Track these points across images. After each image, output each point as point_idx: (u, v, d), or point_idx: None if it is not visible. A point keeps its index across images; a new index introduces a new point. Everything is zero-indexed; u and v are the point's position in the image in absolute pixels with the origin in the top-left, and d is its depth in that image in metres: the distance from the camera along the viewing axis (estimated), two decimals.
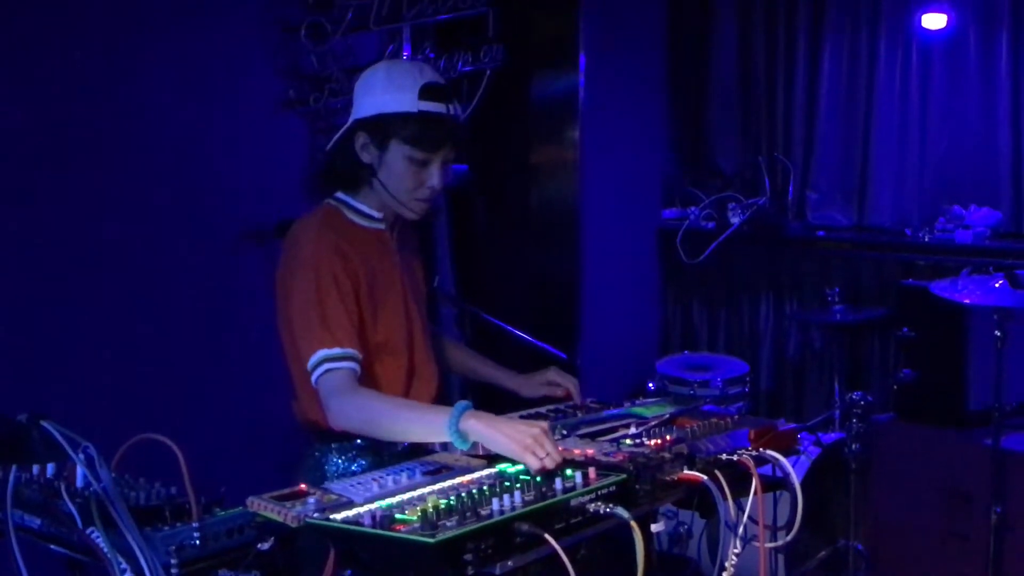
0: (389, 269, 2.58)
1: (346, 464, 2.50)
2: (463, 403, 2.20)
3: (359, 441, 2.48)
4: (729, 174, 5.86)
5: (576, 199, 5.39)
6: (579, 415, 2.59)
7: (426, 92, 2.45)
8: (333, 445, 2.51)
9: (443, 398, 2.69)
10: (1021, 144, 4.99)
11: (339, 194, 2.59)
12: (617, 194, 5.60)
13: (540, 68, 5.35)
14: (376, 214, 2.57)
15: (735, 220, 5.55)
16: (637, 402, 2.79)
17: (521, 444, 2.08)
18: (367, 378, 2.45)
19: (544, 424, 2.17)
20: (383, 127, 2.47)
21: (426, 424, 2.26)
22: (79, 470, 1.82)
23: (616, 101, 5.53)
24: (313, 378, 2.37)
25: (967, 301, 3.64)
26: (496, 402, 2.80)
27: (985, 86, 5.08)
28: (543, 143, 5.42)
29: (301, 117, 4.05)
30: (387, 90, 2.47)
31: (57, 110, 3.35)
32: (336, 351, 2.36)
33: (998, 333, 3.62)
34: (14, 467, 1.85)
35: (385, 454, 2.47)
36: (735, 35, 5.81)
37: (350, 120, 2.55)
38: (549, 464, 2.07)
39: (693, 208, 5.78)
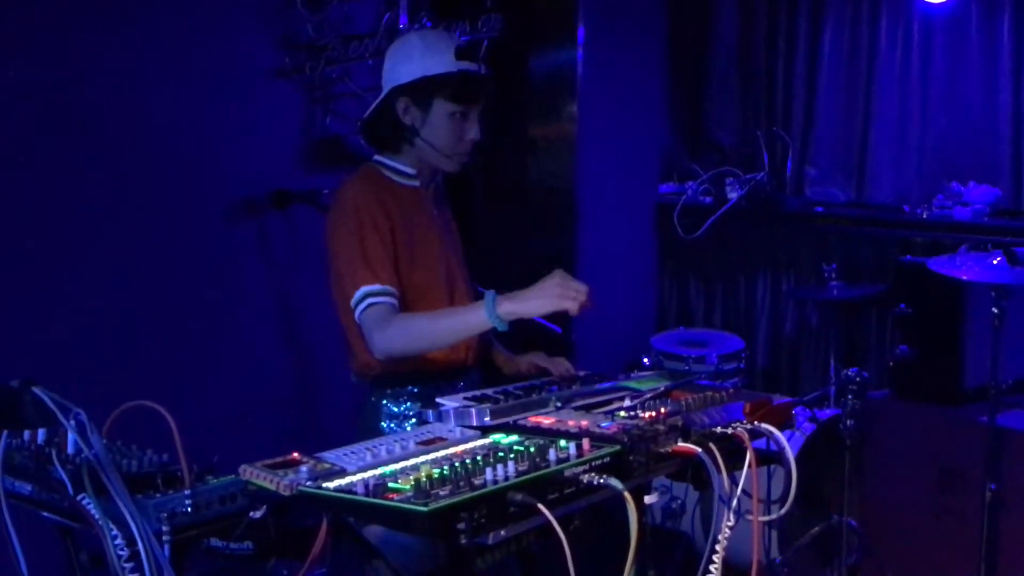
0: (426, 223, 2.82)
1: (398, 408, 2.75)
2: (490, 293, 2.51)
3: (411, 388, 2.75)
4: (727, 149, 5.84)
5: (573, 173, 5.37)
6: (574, 387, 2.58)
7: (461, 53, 2.75)
8: (388, 391, 2.76)
9: (484, 346, 2.96)
10: (1021, 121, 4.97)
11: (377, 156, 2.85)
12: (615, 168, 5.58)
13: (538, 41, 5.31)
14: (412, 171, 2.82)
15: (733, 195, 5.53)
16: (632, 375, 2.78)
17: (552, 297, 2.47)
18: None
19: (556, 273, 2.51)
20: (426, 88, 2.73)
21: (466, 322, 2.55)
22: (70, 436, 1.81)
23: (615, 74, 5.51)
24: (356, 313, 2.61)
25: (965, 278, 3.63)
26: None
27: (986, 62, 5.06)
28: (541, 116, 5.39)
29: (297, 86, 4.03)
30: (426, 55, 2.73)
31: (51, 79, 3.33)
32: (377, 287, 2.61)
33: (995, 310, 3.62)
34: (5, 433, 1.84)
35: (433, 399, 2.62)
36: (735, 8, 5.78)
37: (385, 89, 2.79)
38: (583, 299, 2.48)
39: (691, 183, 5.76)
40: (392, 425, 2.75)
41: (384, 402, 2.77)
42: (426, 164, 2.83)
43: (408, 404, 2.75)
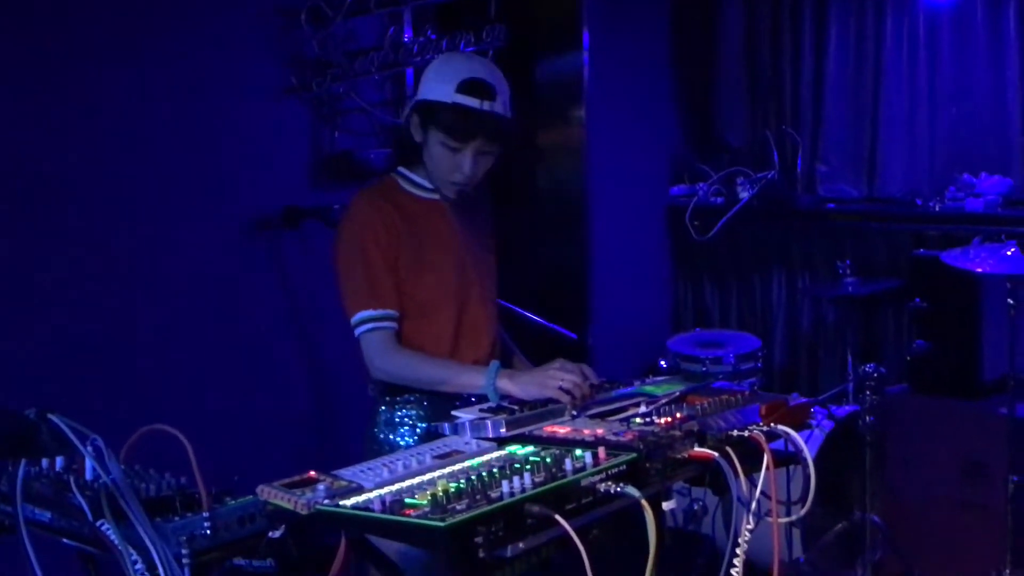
0: (441, 236, 2.81)
1: (400, 416, 2.78)
2: (495, 364, 2.64)
3: (408, 396, 2.77)
4: (737, 148, 5.82)
5: (583, 179, 5.37)
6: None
7: (464, 86, 2.64)
8: (397, 398, 2.79)
9: (504, 355, 2.97)
10: None
11: (400, 168, 2.85)
12: (625, 172, 5.57)
13: (543, 48, 5.32)
14: (429, 185, 2.81)
15: (744, 195, 5.52)
16: (647, 380, 2.77)
17: (548, 388, 2.50)
18: (413, 333, 2.76)
19: (557, 361, 2.58)
20: (425, 112, 2.70)
21: (465, 384, 2.65)
22: (88, 463, 1.82)
23: (621, 79, 5.51)
24: (356, 333, 2.69)
25: (979, 270, 3.62)
26: None
27: (993, 53, 5.04)
28: (548, 123, 5.39)
29: (304, 103, 4.04)
30: (434, 79, 2.71)
31: (57, 101, 3.34)
32: (377, 312, 2.68)
33: (1011, 301, 3.61)
34: (23, 461, 1.85)
35: (429, 410, 2.74)
36: (740, 7, 5.76)
37: (413, 100, 2.79)
38: (577, 393, 2.49)
39: (702, 184, 5.75)
40: (390, 434, 2.78)
41: (390, 408, 2.80)
42: None
43: (409, 412, 2.78)
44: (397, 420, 2.79)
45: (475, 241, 2.92)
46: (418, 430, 2.77)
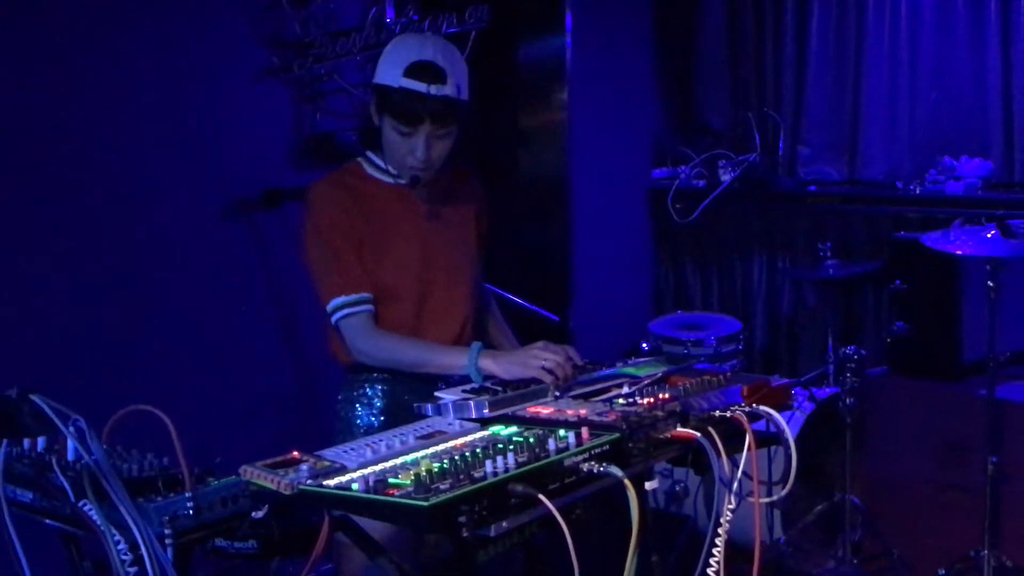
0: (405, 221, 2.78)
1: (370, 393, 2.79)
2: (477, 344, 2.62)
3: (375, 375, 2.78)
4: (719, 131, 5.83)
5: (566, 161, 5.37)
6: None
7: (412, 69, 2.60)
8: (349, 376, 2.83)
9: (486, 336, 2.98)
10: (1011, 93, 4.96)
11: (368, 152, 2.82)
12: (607, 155, 5.57)
13: (526, 30, 5.31)
14: (393, 171, 2.77)
15: (726, 178, 5.52)
16: (630, 362, 2.78)
17: (531, 368, 2.49)
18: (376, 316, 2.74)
19: (540, 343, 2.57)
20: (378, 96, 2.68)
21: (447, 365, 2.63)
22: (70, 443, 1.82)
23: (604, 61, 5.50)
24: (332, 320, 2.69)
25: (959, 252, 3.64)
26: None
27: (974, 37, 5.04)
28: (531, 105, 5.39)
29: (285, 85, 4.02)
30: (385, 63, 2.67)
31: (35, 82, 3.32)
32: (352, 297, 2.67)
33: (991, 283, 3.63)
34: (4, 442, 1.84)
35: (399, 389, 2.77)
36: None
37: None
38: (560, 373, 2.47)
39: (684, 167, 5.75)
40: (350, 411, 2.81)
41: (360, 387, 2.81)
42: None
43: (376, 388, 2.79)
44: (355, 397, 2.80)
45: (447, 226, 2.87)
46: (375, 408, 2.79)
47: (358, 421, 2.79)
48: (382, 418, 2.77)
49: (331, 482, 1.83)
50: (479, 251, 3.00)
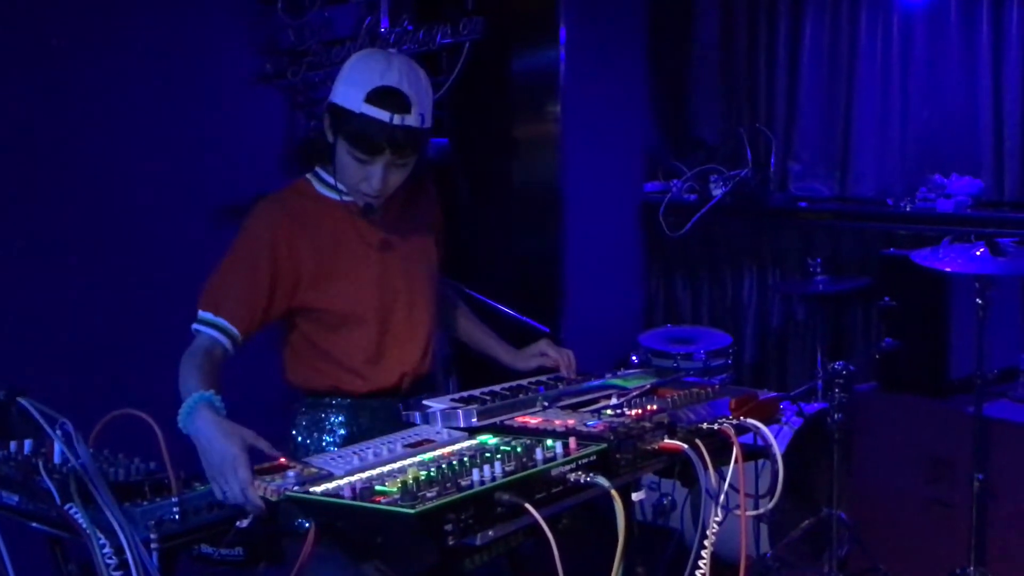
0: (357, 244, 2.57)
1: (321, 419, 2.62)
2: (206, 395, 2.16)
3: (327, 399, 2.61)
4: (711, 146, 5.85)
5: (558, 173, 5.37)
6: (560, 387, 2.59)
7: (374, 95, 2.38)
8: (308, 400, 2.65)
9: (428, 373, 2.71)
10: (1002, 112, 4.99)
11: (319, 168, 2.59)
12: (599, 168, 5.58)
13: (520, 41, 5.31)
14: (343, 189, 2.55)
15: (717, 192, 5.54)
16: (619, 373, 2.78)
17: (211, 467, 1.98)
18: (333, 345, 2.56)
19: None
20: (333, 117, 2.45)
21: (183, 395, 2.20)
22: (57, 446, 1.82)
23: (597, 74, 5.51)
24: (193, 325, 2.48)
25: (948, 269, 3.65)
26: (490, 372, 2.87)
27: (966, 55, 5.07)
28: (524, 117, 5.39)
29: (279, 91, 4.03)
30: (345, 82, 2.44)
31: (32, 88, 3.32)
32: (218, 320, 2.45)
33: (979, 301, 3.64)
34: None
35: (352, 416, 2.60)
36: (717, 6, 5.78)
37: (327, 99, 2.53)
38: (231, 497, 1.93)
39: (675, 181, 5.77)
40: (307, 439, 2.63)
41: (310, 410, 2.65)
42: None
43: (329, 415, 2.62)
44: (318, 421, 2.62)
45: (404, 241, 2.66)
46: (338, 436, 2.60)
47: (323, 446, 2.59)
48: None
49: (318, 488, 1.83)
50: (438, 256, 2.80)
